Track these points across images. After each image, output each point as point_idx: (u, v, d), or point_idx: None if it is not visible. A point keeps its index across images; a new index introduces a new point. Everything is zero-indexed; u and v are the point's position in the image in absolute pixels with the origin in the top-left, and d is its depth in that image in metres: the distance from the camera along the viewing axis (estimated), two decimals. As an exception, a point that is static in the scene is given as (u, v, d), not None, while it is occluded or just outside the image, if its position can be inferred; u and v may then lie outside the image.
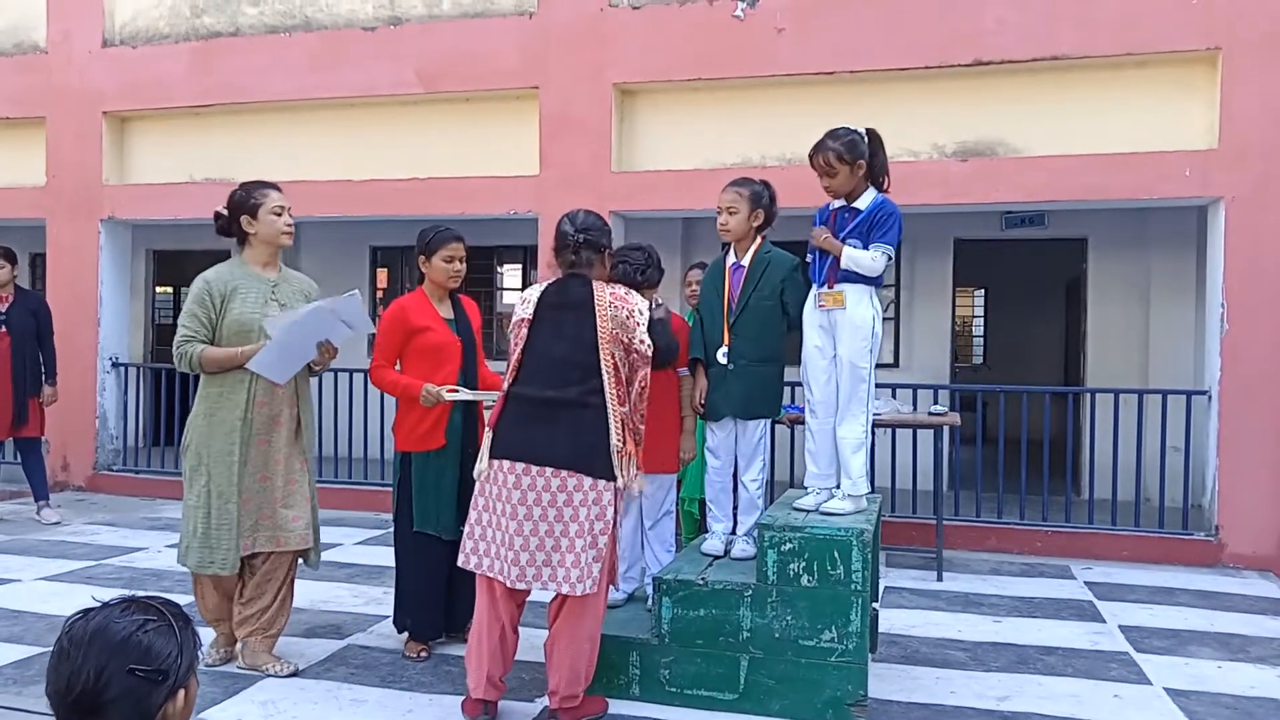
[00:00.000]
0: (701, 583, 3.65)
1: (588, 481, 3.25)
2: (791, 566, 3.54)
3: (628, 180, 7.05)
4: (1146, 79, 6.30)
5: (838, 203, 3.89)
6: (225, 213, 4.03)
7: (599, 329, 3.32)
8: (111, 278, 8.43)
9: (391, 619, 4.34)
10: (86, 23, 8.32)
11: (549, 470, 3.25)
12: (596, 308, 3.35)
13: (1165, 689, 3.93)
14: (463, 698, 3.59)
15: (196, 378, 3.97)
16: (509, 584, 3.29)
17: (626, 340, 3.33)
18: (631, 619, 3.99)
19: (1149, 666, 4.20)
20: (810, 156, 3.83)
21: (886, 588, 5.40)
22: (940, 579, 5.66)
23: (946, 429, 6.00)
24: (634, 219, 7.27)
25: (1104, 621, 4.88)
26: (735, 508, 4.13)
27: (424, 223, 4.46)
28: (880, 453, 6.67)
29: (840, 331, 3.79)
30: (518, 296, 3.54)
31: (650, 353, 3.38)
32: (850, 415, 3.82)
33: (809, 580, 3.52)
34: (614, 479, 3.29)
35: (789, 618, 3.53)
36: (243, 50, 7.92)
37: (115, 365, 8.43)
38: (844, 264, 3.75)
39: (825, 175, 3.80)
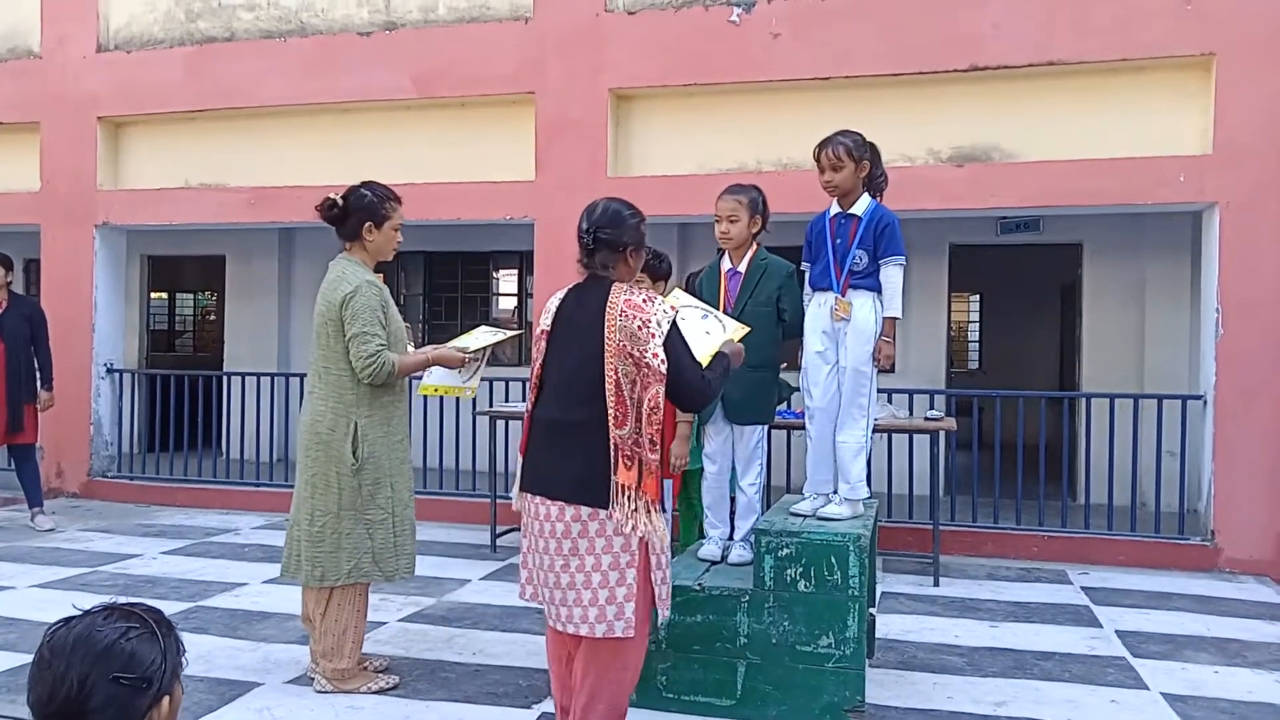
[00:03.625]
0: (698, 588, 3.64)
1: (602, 514, 2.89)
2: (789, 572, 3.53)
3: (623, 185, 7.02)
4: (1142, 84, 6.31)
5: (834, 209, 3.91)
6: (341, 202, 3.87)
7: (605, 340, 2.95)
8: (106, 283, 8.41)
9: None
10: (81, 28, 8.30)
11: (560, 504, 2.94)
12: (606, 316, 2.97)
13: (1162, 694, 3.92)
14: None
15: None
16: (549, 620, 3.03)
17: (637, 354, 2.92)
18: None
19: (1146, 671, 4.20)
20: (818, 151, 3.87)
21: (883, 593, 5.40)
22: (937, 584, 5.66)
23: (943, 434, 6.00)
24: (630, 224, 7.25)
25: (1101, 626, 4.87)
26: (732, 513, 4.13)
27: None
28: (877, 458, 6.64)
29: (844, 337, 3.81)
30: (545, 306, 3.22)
31: (664, 369, 2.92)
32: (851, 420, 3.83)
33: (806, 586, 3.51)
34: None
35: (786, 623, 3.53)
36: (238, 55, 7.91)
37: (110, 371, 8.40)
38: (894, 316, 3.83)
39: (831, 169, 3.84)
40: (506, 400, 7.45)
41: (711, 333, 3.46)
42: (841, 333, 3.82)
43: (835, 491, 3.91)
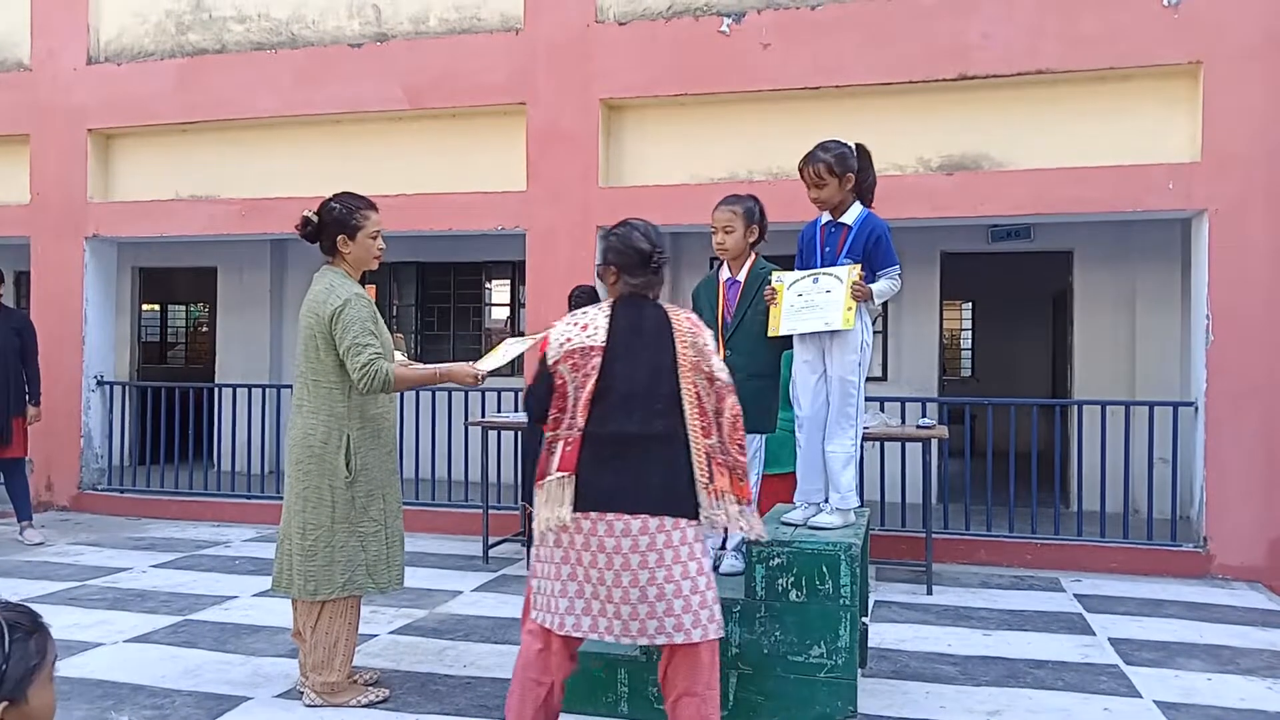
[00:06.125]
0: (690, 599, 3.62)
1: (684, 522, 2.91)
2: (780, 582, 3.52)
3: (615, 195, 7.05)
4: (1130, 92, 6.34)
5: (825, 217, 3.91)
6: (315, 219, 3.83)
7: (679, 356, 3.00)
8: (97, 296, 8.38)
9: None
10: (71, 40, 8.30)
11: (644, 516, 2.89)
12: (675, 333, 3.03)
13: (1155, 701, 3.92)
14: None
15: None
16: (614, 639, 2.95)
17: (708, 369, 3.02)
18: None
19: (1139, 679, 4.19)
20: (800, 168, 3.86)
21: (876, 602, 5.39)
22: (930, 593, 5.65)
23: (935, 442, 6.00)
24: (621, 234, 7.26)
25: (1094, 634, 4.87)
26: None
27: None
28: (869, 466, 6.67)
29: (831, 346, 3.81)
30: (568, 322, 3.10)
31: (730, 381, 3.04)
32: (839, 430, 3.82)
33: (798, 595, 3.51)
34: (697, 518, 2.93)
35: (778, 633, 3.52)
36: (229, 67, 7.91)
37: (100, 383, 8.37)
38: (877, 301, 3.77)
39: (814, 187, 3.82)
40: (499, 410, 7.44)
41: (833, 290, 3.71)
42: (828, 341, 3.81)
43: (826, 500, 3.90)
